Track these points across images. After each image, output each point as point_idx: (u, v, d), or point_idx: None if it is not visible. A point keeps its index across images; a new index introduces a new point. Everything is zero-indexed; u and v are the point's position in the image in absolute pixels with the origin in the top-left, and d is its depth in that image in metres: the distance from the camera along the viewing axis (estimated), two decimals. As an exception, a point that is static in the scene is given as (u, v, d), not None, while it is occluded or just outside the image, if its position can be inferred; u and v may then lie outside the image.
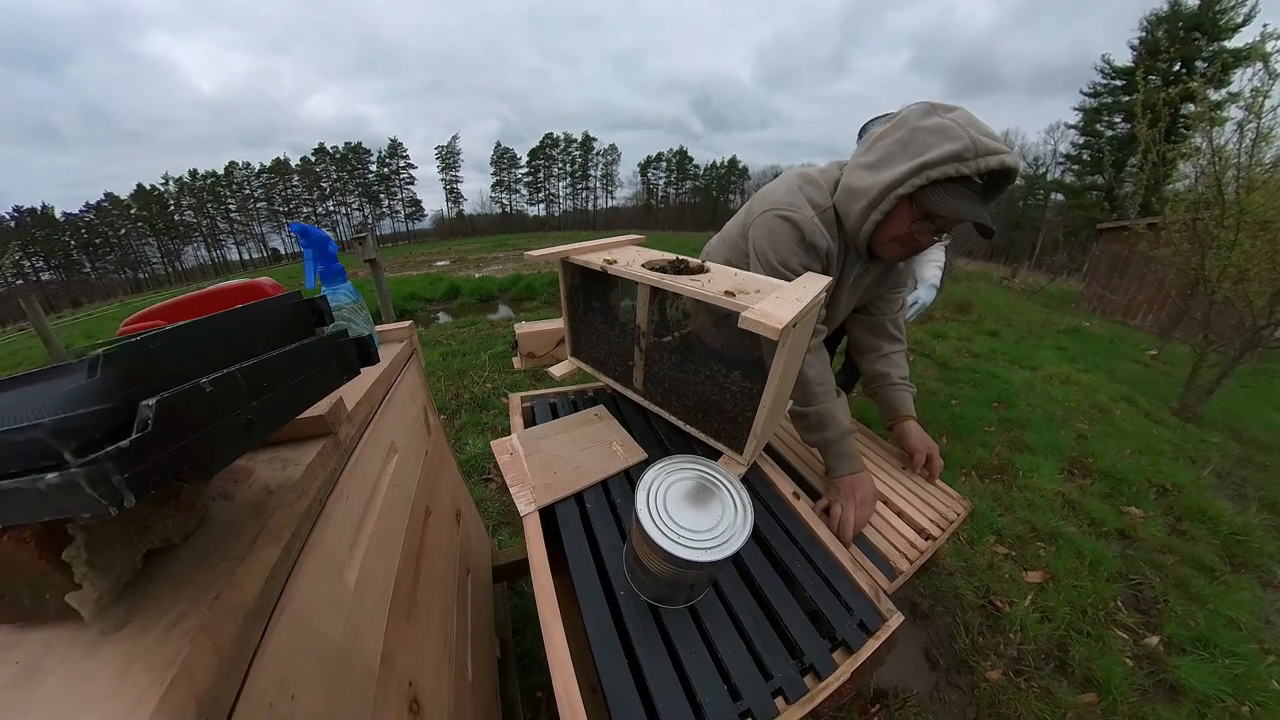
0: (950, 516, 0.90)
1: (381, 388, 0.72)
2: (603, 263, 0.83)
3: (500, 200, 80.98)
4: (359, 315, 0.75)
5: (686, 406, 0.86)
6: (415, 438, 0.82)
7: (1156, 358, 5.31)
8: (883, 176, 0.81)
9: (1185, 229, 3.55)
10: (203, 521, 0.35)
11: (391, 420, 0.73)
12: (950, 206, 0.77)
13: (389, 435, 0.70)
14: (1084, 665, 1.27)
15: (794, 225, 0.90)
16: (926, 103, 0.81)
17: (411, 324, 0.94)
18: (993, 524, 1.77)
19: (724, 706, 0.50)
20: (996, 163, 0.74)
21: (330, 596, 0.42)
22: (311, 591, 0.39)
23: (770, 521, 0.74)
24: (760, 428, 0.73)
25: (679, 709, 0.49)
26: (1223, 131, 3.19)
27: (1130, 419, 2.94)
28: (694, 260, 0.82)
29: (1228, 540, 1.85)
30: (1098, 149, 5.60)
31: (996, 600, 1.46)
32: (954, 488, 1.93)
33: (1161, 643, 1.38)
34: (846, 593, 0.64)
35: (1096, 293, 9.48)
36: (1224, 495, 2.26)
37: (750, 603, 0.61)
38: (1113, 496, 2.08)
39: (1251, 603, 1.55)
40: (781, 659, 0.55)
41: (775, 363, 0.63)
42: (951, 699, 1.21)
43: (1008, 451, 2.29)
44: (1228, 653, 1.33)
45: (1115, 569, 1.63)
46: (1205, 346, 3.48)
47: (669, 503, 0.53)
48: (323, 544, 0.43)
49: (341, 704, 0.39)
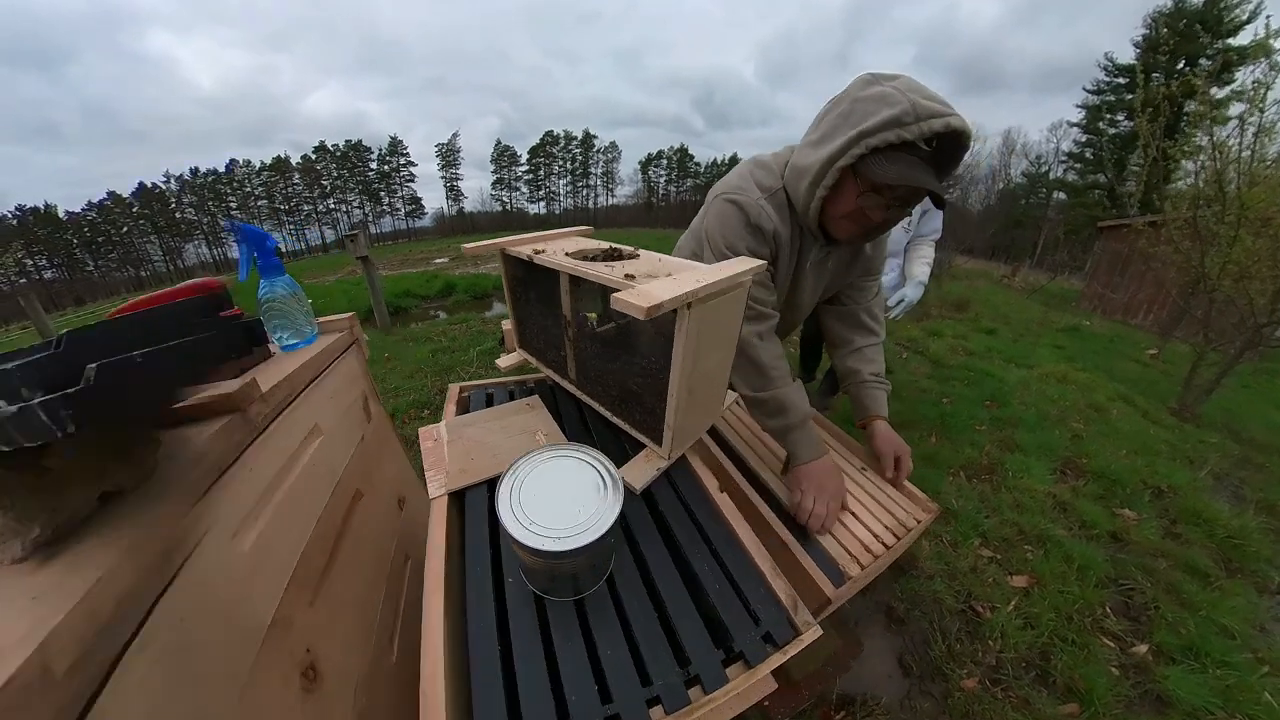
0: (912, 521, 0.84)
1: (308, 372, 0.76)
2: (531, 252, 0.82)
3: (500, 198, 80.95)
4: (296, 305, 0.82)
5: (611, 397, 0.84)
6: (349, 423, 0.86)
7: (1156, 357, 5.23)
8: (824, 150, 0.77)
9: (1186, 226, 3.48)
10: (150, 475, 0.43)
11: (318, 404, 0.76)
12: (890, 173, 0.72)
13: (313, 417, 0.73)
14: (1066, 674, 1.21)
15: (739, 209, 0.88)
16: (869, 73, 0.77)
17: (353, 315, 0.98)
18: (978, 526, 1.71)
19: (590, 706, 0.47)
20: (941, 125, 0.69)
21: (217, 552, 0.47)
22: (199, 547, 0.45)
23: (685, 519, 0.69)
24: (676, 418, 0.70)
25: (542, 703, 0.47)
26: (1224, 129, 3.12)
27: (1127, 419, 2.87)
28: (628, 248, 0.80)
29: (1224, 544, 1.78)
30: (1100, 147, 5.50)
31: (977, 605, 1.40)
32: (940, 488, 1.92)
33: (1150, 651, 1.32)
34: (757, 601, 0.58)
35: (1097, 291, 9.40)
36: (1221, 497, 2.20)
37: (645, 603, 0.57)
38: (1106, 498, 2.01)
39: (1246, 609, 1.49)
40: (666, 666, 0.51)
41: (677, 348, 0.61)
42: (923, 708, 1.15)
43: (998, 451, 2.23)
44: (1219, 662, 1.27)
45: (1105, 573, 1.57)
46: (1205, 345, 3.41)
47: (531, 493, 0.53)
48: (217, 504, 0.48)
49: (218, 647, 0.44)
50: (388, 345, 4.03)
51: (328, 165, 69.33)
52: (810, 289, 1.03)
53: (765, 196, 0.88)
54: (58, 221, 60.76)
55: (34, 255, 59.32)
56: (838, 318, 1.13)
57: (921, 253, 2.08)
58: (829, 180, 0.78)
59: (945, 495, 1.86)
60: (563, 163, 78.87)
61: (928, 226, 2.07)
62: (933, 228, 2.07)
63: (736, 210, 0.88)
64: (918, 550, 1.59)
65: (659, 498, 0.73)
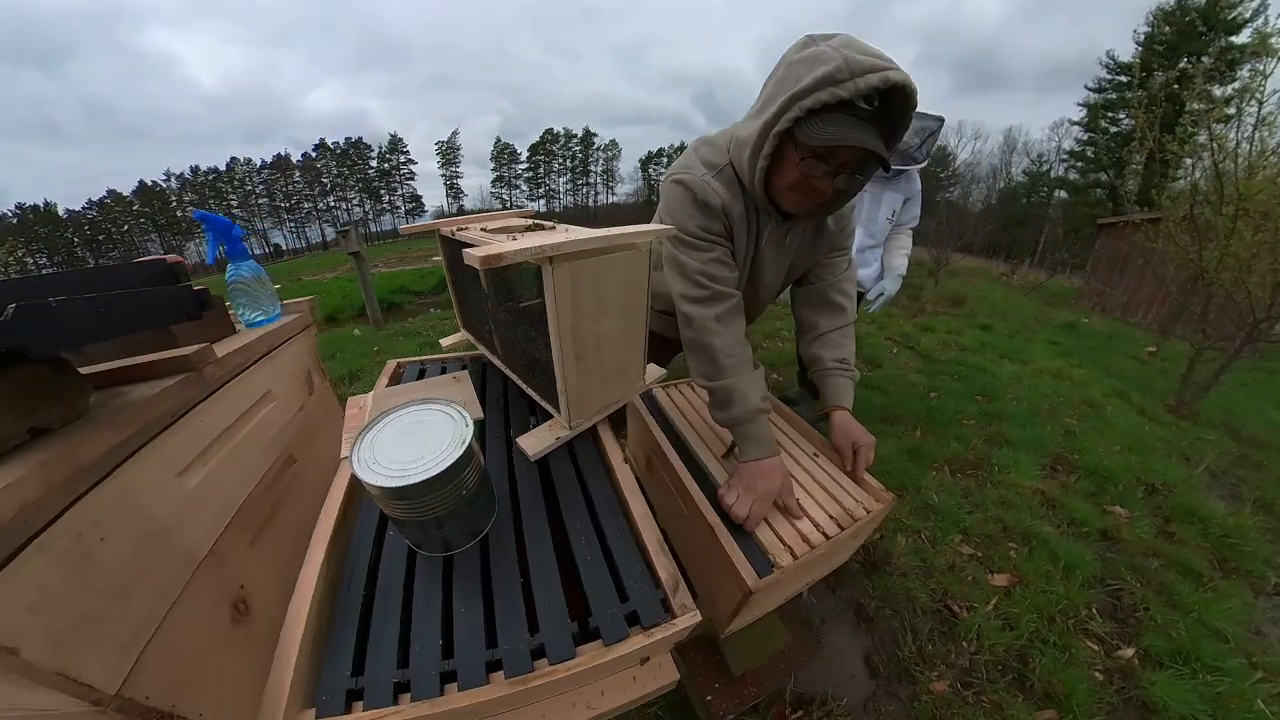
0: (861, 511, 0.76)
1: (264, 345, 0.87)
2: (452, 230, 0.84)
3: (500, 196, 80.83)
4: (260, 287, 0.93)
5: (523, 367, 0.86)
6: (293, 393, 0.96)
7: (1155, 354, 5.16)
8: (762, 118, 0.73)
9: (1184, 222, 3.40)
10: (80, 416, 0.50)
11: (272, 373, 0.87)
12: (825, 134, 0.67)
13: (266, 384, 0.85)
14: (1045, 679, 1.14)
15: (685, 187, 0.84)
16: (807, 36, 0.71)
17: (313, 299, 1.13)
18: (959, 522, 1.64)
19: (431, 659, 0.49)
20: (878, 80, 0.63)
21: (160, 485, 0.56)
22: (143, 474, 0.54)
23: (576, 491, 0.69)
24: (568, 383, 0.70)
25: (386, 651, 0.49)
26: (1224, 127, 3.04)
27: (1122, 415, 2.79)
28: (549, 223, 0.82)
29: (1219, 543, 1.71)
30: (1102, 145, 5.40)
31: (954, 604, 1.33)
32: (921, 483, 1.84)
33: (1137, 655, 1.24)
34: (631, 578, 0.56)
35: (1096, 289, 9.31)
36: (1217, 495, 2.12)
37: (512, 568, 0.58)
38: (1097, 495, 1.94)
39: (1241, 611, 1.41)
40: (516, 631, 0.51)
41: (549, 304, 0.61)
42: (888, 710, 1.08)
43: (985, 446, 2.15)
44: (1210, 667, 1.20)
45: (1092, 573, 1.49)
46: (1203, 341, 3.33)
47: (387, 440, 0.55)
48: (166, 446, 0.58)
49: (151, 566, 0.52)
50: (378, 340, 3.98)
51: (328, 163, 69.21)
52: (772, 269, 0.97)
53: (712, 173, 0.84)
54: (58, 219, 60.65)
55: (34, 254, 59.32)
56: (806, 299, 1.04)
57: (900, 243, 2.01)
58: (767, 149, 0.73)
59: (926, 490, 1.79)
60: (563, 160, 78.68)
61: (907, 214, 2.00)
62: (911, 215, 2.00)
63: (682, 190, 0.85)
64: (892, 546, 1.52)
65: (556, 468, 0.73)
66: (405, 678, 0.47)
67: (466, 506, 0.56)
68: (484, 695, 0.45)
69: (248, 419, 0.76)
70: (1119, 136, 17.09)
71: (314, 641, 0.50)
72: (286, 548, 0.78)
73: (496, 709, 0.47)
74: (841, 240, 1.00)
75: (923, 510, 1.70)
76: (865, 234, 1.91)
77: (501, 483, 0.71)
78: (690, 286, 0.84)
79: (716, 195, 0.83)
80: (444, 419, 0.57)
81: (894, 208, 1.90)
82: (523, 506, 0.66)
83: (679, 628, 0.51)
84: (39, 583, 0.40)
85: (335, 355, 3.52)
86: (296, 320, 1.01)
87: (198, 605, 0.57)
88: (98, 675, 0.43)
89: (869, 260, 1.99)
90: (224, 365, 0.71)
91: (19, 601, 0.38)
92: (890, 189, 1.88)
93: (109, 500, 0.48)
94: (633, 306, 0.73)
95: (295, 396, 0.96)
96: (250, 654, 0.64)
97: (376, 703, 0.45)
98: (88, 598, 0.44)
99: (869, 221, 1.91)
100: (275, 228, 70.42)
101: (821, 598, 1.37)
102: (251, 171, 66.08)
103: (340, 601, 0.54)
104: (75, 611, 0.43)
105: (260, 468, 0.77)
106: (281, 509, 0.80)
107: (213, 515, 0.64)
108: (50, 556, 0.42)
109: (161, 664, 0.49)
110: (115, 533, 0.48)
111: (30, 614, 0.39)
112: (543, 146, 78.36)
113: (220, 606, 0.62)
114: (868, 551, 1.50)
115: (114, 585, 0.47)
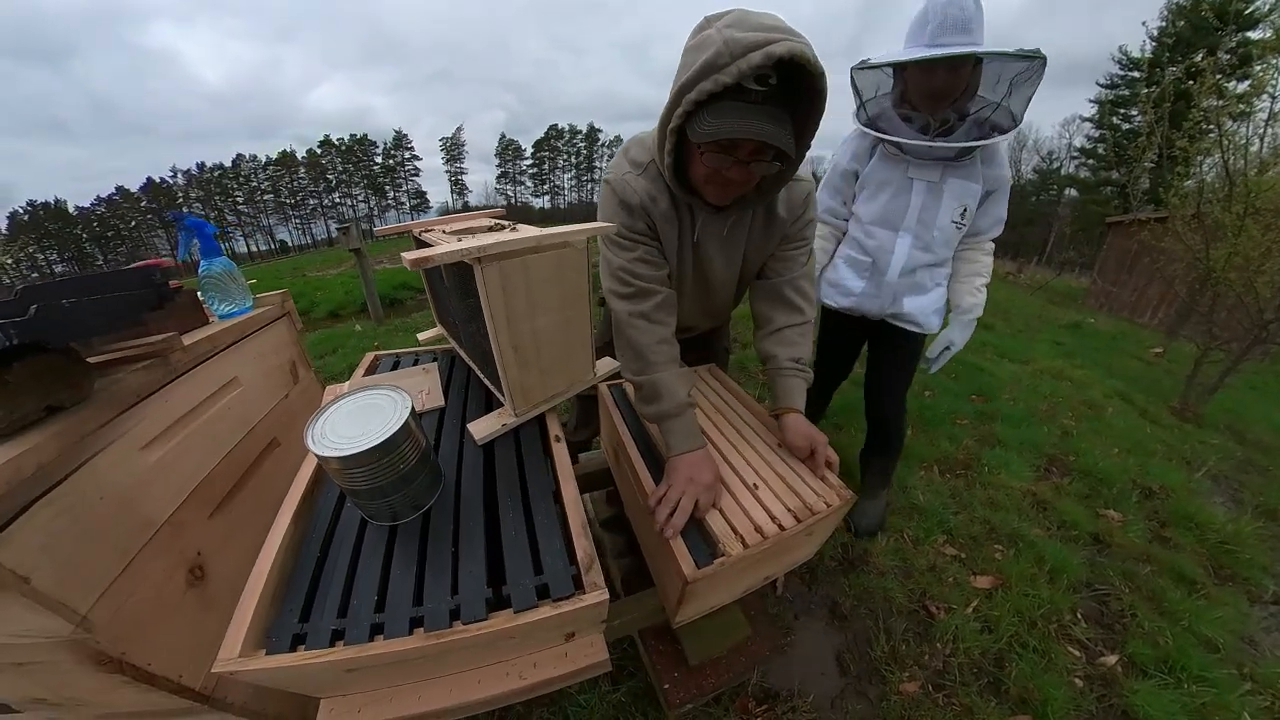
0: (821, 506, 0.73)
1: (230, 335, 0.93)
2: (418, 231, 0.89)
3: (505, 192, 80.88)
4: (231, 281, 1.00)
5: (479, 359, 0.90)
6: (272, 381, 1.05)
7: (1161, 355, 5.05)
8: (660, 116, 0.71)
9: (1192, 221, 3.31)
10: (86, 398, 0.60)
11: (239, 361, 0.94)
12: (707, 127, 0.63)
13: (232, 371, 0.91)
14: (1021, 683, 1.10)
15: (609, 187, 0.86)
16: (705, 17, 0.67)
17: (285, 292, 1.17)
18: (944, 522, 1.60)
19: (365, 612, 0.55)
20: (760, 58, 0.57)
21: (123, 456, 0.63)
22: (108, 450, 0.61)
23: (513, 473, 0.74)
24: (509, 374, 0.74)
25: (330, 604, 0.56)
26: (1234, 123, 2.95)
27: (1123, 416, 2.73)
28: (510, 223, 0.87)
29: (1216, 550, 1.65)
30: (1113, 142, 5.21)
31: (931, 605, 1.29)
32: (908, 482, 1.79)
33: (1120, 663, 1.20)
34: (548, 553, 0.61)
35: (1103, 289, 9.15)
36: (1217, 500, 2.06)
37: (445, 539, 0.64)
38: (1090, 498, 1.88)
39: (1234, 620, 1.36)
40: (440, 594, 0.57)
41: (482, 301, 0.65)
42: (855, 709, 1.06)
43: (976, 446, 2.10)
44: (1196, 677, 1.15)
45: (1079, 577, 1.45)
46: (1210, 342, 3.25)
47: (340, 419, 0.62)
48: (131, 423, 0.65)
49: (113, 526, 0.60)
50: (379, 335, 3.98)
51: (333, 159, 69.47)
52: (721, 262, 0.93)
53: (636, 172, 0.84)
54: (68, 216, 61.33)
55: (45, 250, 60.04)
56: (763, 295, 1.00)
57: (973, 267, 1.31)
58: (668, 146, 0.72)
59: (913, 490, 1.75)
60: (567, 156, 78.53)
61: (987, 217, 1.25)
62: (993, 218, 1.26)
63: (608, 190, 0.86)
64: (872, 545, 1.48)
65: (500, 452, 0.78)
66: (343, 626, 0.54)
67: (407, 480, 0.63)
68: (405, 645, 0.52)
69: (212, 402, 0.83)
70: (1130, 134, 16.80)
71: (272, 596, 0.58)
72: (250, 522, 0.84)
73: (415, 657, 0.52)
74: (798, 231, 0.94)
75: (907, 510, 1.66)
76: (915, 243, 1.25)
77: (452, 463, 0.76)
78: (616, 283, 0.86)
79: (636, 194, 0.83)
80: (388, 401, 0.64)
81: (964, 204, 1.21)
82: (464, 486, 0.72)
83: (587, 603, 0.55)
84: (49, 529, 0.51)
85: (336, 350, 3.52)
86: (267, 312, 1.08)
87: (154, 568, 0.64)
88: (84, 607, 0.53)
89: (924, 283, 1.31)
90: (190, 353, 0.79)
91: (33, 542, 0.49)
92: (957, 174, 1.19)
93: (99, 467, 0.59)
94: (572, 302, 0.76)
95: (276, 385, 1.06)
96: (204, 616, 0.71)
97: (315, 645, 0.52)
98: (85, 545, 0.55)
99: (922, 226, 1.23)
100: (281, 224, 70.90)
101: (796, 594, 1.34)
102: (257, 168, 66.43)
103: (298, 562, 0.62)
104: (77, 556, 0.53)
105: (223, 448, 0.83)
106: (245, 485, 0.87)
107: (172, 487, 0.71)
108: (57, 509, 0.53)
109: (112, 617, 0.56)
110: (93, 492, 0.58)
111: (39, 552, 0.49)
112: (547, 142, 78.30)
113: (177, 570, 0.69)
114: (846, 549, 1.47)
115: (96, 537, 0.57)
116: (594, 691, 1.07)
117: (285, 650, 0.52)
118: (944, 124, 1.11)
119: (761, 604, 1.12)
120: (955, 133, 1.10)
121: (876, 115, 1.21)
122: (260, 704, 0.74)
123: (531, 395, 0.80)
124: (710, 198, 0.79)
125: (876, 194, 1.27)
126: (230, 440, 0.86)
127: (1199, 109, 3.02)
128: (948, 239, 1.25)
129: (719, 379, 1.13)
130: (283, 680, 0.53)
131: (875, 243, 1.29)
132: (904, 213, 1.24)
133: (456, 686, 0.59)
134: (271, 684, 0.53)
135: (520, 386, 0.77)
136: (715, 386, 1.10)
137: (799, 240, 0.95)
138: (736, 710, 1.03)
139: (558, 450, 0.77)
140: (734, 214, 0.86)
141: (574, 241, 0.70)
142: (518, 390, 0.77)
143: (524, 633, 0.55)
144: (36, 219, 60.05)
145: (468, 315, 0.86)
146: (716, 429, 0.94)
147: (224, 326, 0.93)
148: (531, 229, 0.76)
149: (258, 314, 1.04)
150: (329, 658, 0.50)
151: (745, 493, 0.77)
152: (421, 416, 0.83)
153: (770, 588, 1.33)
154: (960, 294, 1.32)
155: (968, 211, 1.22)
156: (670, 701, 0.93)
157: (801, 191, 0.89)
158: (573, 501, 0.67)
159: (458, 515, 0.67)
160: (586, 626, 0.62)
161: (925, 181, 1.20)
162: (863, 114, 1.23)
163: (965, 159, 1.17)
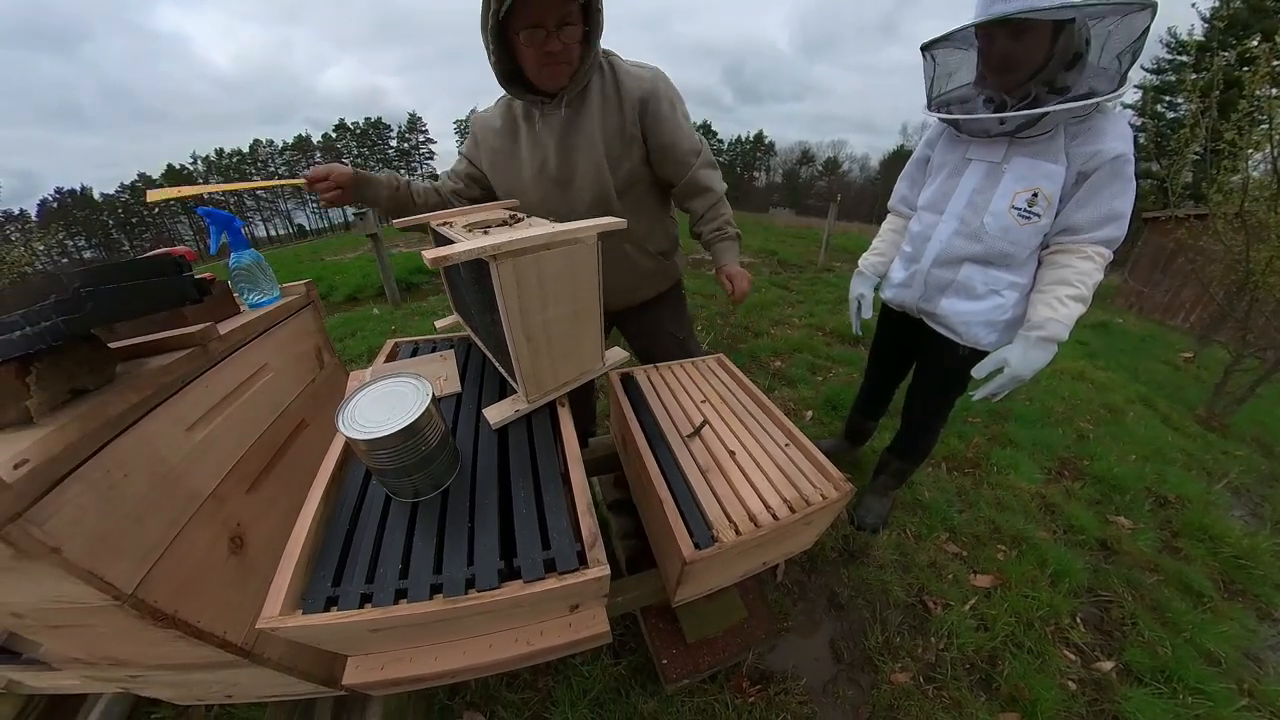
0: (818, 497, 0.75)
1: (262, 323, 0.98)
2: (436, 224, 0.91)
3: (523, 172, 79.97)
4: (260, 272, 1.04)
5: (494, 347, 0.93)
6: (300, 366, 1.10)
7: (1191, 360, 4.87)
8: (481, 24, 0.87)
9: (1234, 220, 3.14)
10: (109, 381, 0.65)
11: (270, 349, 0.99)
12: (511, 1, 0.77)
13: (263, 358, 0.96)
14: (1012, 682, 1.12)
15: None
16: None
17: (309, 282, 1.23)
18: (948, 520, 1.60)
19: (391, 578, 0.60)
20: None
21: (171, 436, 0.70)
22: (159, 427, 0.68)
23: (526, 457, 0.78)
24: (522, 364, 0.78)
25: (359, 571, 0.61)
26: None
27: (1144, 422, 2.66)
28: (523, 215, 0.91)
29: (1228, 564, 1.63)
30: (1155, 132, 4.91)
31: (929, 601, 1.31)
32: (915, 477, 1.79)
33: (1116, 669, 1.21)
34: (555, 529, 0.65)
35: (1134, 288, 8.77)
36: (1236, 514, 2.01)
37: (463, 515, 0.68)
38: (1102, 504, 1.86)
39: (1239, 636, 1.35)
40: (457, 564, 0.62)
41: (498, 295, 0.68)
42: (846, 694, 1.09)
43: (987, 445, 2.08)
44: (1193, 689, 1.16)
45: (1081, 582, 1.44)
46: (1243, 349, 3.12)
47: (367, 404, 0.67)
48: (177, 405, 0.72)
49: (161, 499, 0.66)
50: (396, 319, 4.02)
51: (348, 143, 69.41)
52: (582, 155, 1.01)
53: (494, 105, 1.10)
54: (94, 203, 62.56)
55: (74, 236, 61.58)
56: (677, 197, 1.17)
57: (1059, 274, 1.00)
58: (494, 46, 0.87)
59: (918, 486, 1.75)
60: (588, 137, 77.26)
61: (1082, 210, 0.96)
62: (1099, 212, 0.95)
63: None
64: (873, 538, 1.50)
65: (513, 436, 0.82)
66: (371, 590, 0.59)
67: (428, 461, 0.68)
68: (426, 608, 0.56)
69: (248, 386, 0.89)
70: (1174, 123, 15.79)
71: (307, 563, 0.63)
72: (287, 497, 0.91)
73: (433, 620, 0.58)
74: (671, 137, 1.02)
75: (911, 505, 1.67)
76: (960, 228, 1.09)
77: (469, 445, 0.82)
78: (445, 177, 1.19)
79: (480, 125, 1.09)
80: (411, 389, 0.69)
81: (1034, 188, 0.98)
82: (480, 467, 0.77)
83: (589, 577, 0.59)
84: (77, 503, 0.54)
85: (355, 333, 3.57)
86: (294, 300, 1.15)
87: (199, 535, 0.71)
88: (119, 577, 0.57)
89: (972, 284, 1.10)
90: (226, 341, 0.85)
91: (63, 516, 0.52)
92: (1026, 153, 0.98)
93: (131, 446, 0.63)
94: (582, 295, 0.79)
95: (304, 370, 1.12)
96: (244, 581, 0.77)
97: (347, 606, 0.57)
98: (113, 520, 0.58)
99: (970, 210, 1.06)
100: (299, 208, 71.64)
101: (796, 582, 1.37)
102: (274, 153, 66.79)
103: (329, 533, 0.67)
104: (105, 528, 0.57)
105: (258, 429, 0.90)
106: (278, 463, 0.94)
107: (215, 464, 0.77)
108: (85, 485, 0.56)
109: (168, 577, 0.63)
110: (136, 471, 0.63)
111: (71, 525, 0.53)
112: (568, 121, 76.87)
113: (219, 539, 0.75)
114: (847, 541, 1.49)
115: (134, 512, 0.61)
116: (597, 663, 1.12)
117: (320, 610, 0.57)
118: (1024, 99, 0.94)
119: (760, 590, 1.16)
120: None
121: (943, 95, 1.12)
122: (293, 660, 0.79)
123: (543, 383, 0.84)
124: (549, 81, 0.92)
125: (934, 177, 1.18)
126: (264, 422, 0.92)
127: (1250, 98, 2.83)
128: (1006, 229, 1.01)
129: (728, 370, 1.15)
130: (316, 638, 0.58)
131: (919, 228, 1.20)
132: (951, 194, 1.10)
133: (469, 649, 0.64)
134: (306, 640, 0.58)
135: (533, 374, 0.81)
136: (724, 377, 1.12)
137: (674, 129, 1.03)
138: (731, 689, 1.07)
139: (567, 435, 0.80)
140: (571, 102, 0.98)
141: (584, 238, 0.73)
142: (530, 378, 0.81)
143: (532, 602, 0.60)
144: (64, 206, 61.48)
145: (483, 306, 0.89)
146: (721, 419, 0.96)
147: (255, 315, 0.97)
148: (544, 224, 0.79)
149: (285, 303, 1.09)
150: (358, 618, 0.55)
151: (743, 482, 0.79)
152: (440, 402, 0.88)
153: (770, 574, 1.37)
154: (1035, 304, 1.03)
155: (1040, 197, 0.96)
156: (668, 676, 0.98)
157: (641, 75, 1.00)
158: (579, 484, 0.70)
159: (474, 493, 0.72)
160: (589, 599, 0.66)
161: (986, 163, 1.04)
162: (928, 96, 1.14)
163: (1038, 134, 0.94)
